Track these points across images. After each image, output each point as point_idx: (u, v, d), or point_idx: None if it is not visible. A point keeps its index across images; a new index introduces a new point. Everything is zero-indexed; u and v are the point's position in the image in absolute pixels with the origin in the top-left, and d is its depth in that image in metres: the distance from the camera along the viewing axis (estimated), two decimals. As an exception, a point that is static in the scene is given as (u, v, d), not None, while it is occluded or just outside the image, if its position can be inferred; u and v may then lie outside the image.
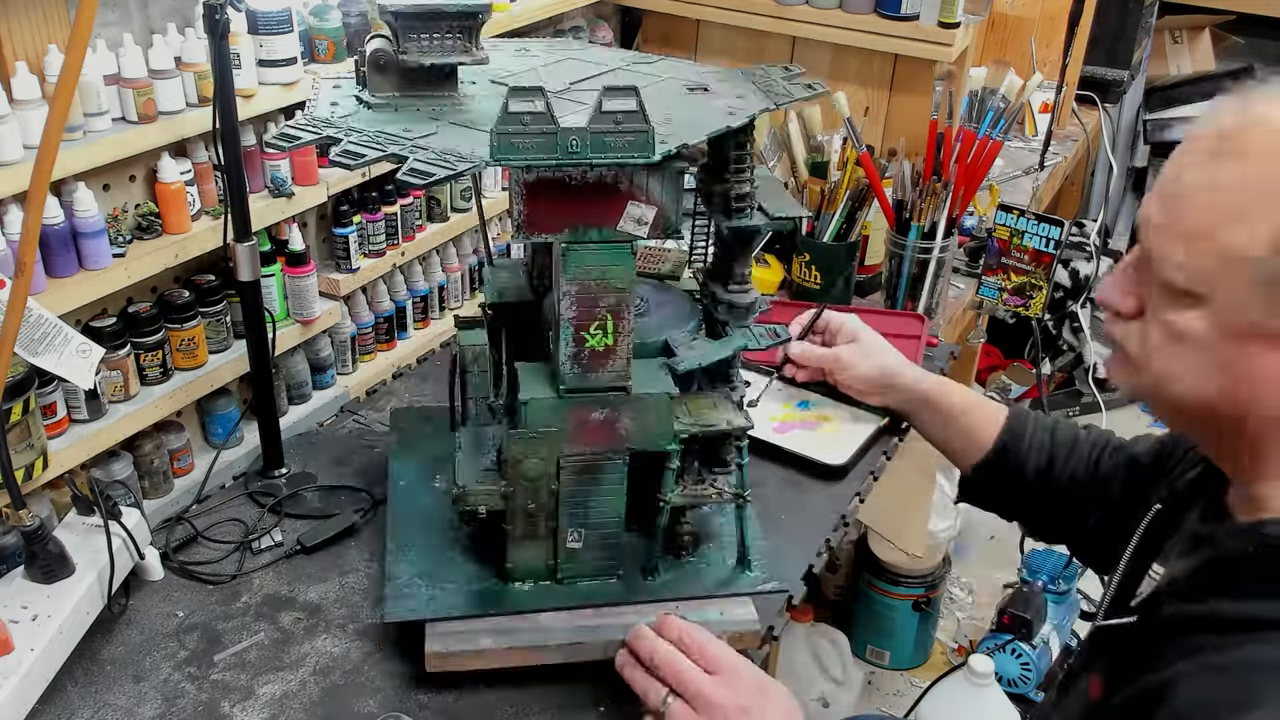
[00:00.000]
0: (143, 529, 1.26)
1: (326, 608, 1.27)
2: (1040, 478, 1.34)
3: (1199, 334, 0.83)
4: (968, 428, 1.40)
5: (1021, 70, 2.08)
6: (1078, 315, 3.46)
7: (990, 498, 1.43)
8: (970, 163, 1.90)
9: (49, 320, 1.19)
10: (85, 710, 1.13)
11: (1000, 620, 2.45)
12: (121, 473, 1.39)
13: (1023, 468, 1.35)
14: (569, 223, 1.02)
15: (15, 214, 1.21)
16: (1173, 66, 3.91)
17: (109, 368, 1.34)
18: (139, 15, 1.40)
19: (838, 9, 2.11)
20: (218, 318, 1.48)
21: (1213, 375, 0.84)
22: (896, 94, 2.16)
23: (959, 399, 1.42)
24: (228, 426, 1.55)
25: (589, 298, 1.06)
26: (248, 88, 1.40)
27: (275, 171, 1.48)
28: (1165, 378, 0.87)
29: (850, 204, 1.88)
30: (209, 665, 1.18)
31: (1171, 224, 0.83)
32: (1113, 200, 3.92)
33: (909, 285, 1.89)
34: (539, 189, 0.99)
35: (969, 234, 2.25)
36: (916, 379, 1.45)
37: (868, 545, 2.50)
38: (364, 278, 1.69)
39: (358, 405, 1.68)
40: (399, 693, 1.15)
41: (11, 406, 1.17)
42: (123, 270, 1.32)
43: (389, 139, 0.98)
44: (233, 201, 1.34)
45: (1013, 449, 1.36)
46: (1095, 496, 1.29)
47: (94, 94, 1.26)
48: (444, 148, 0.95)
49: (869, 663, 2.61)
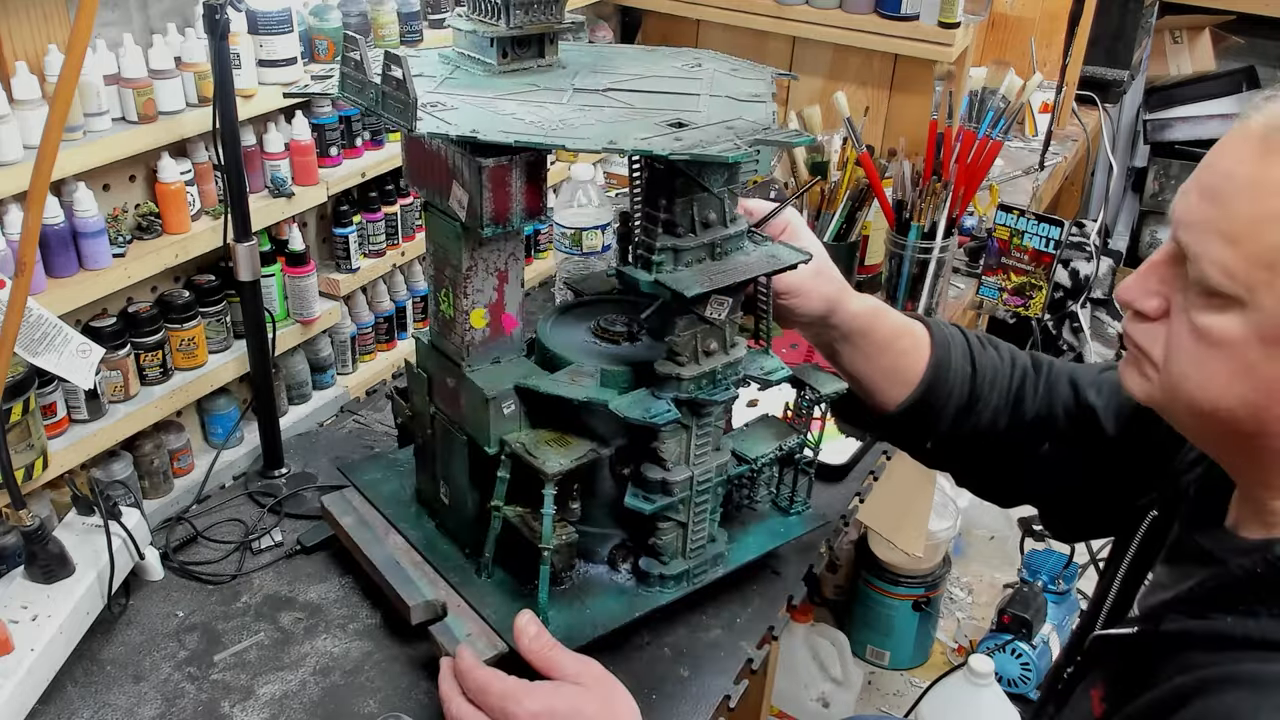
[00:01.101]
0: (143, 529, 1.26)
1: (326, 608, 1.27)
2: (958, 421, 1.21)
3: (1231, 339, 0.79)
4: (895, 361, 1.21)
5: (1021, 70, 2.08)
6: (1078, 315, 3.46)
7: (914, 440, 1.27)
8: (970, 163, 1.90)
9: (49, 320, 1.19)
10: (85, 710, 1.13)
11: (1000, 620, 2.46)
12: (121, 473, 1.39)
13: (942, 410, 1.20)
14: (426, 184, 1.08)
15: (15, 214, 1.21)
16: (1173, 66, 3.92)
17: (109, 368, 1.34)
18: (139, 15, 1.40)
19: (838, 9, 2.11)
20: (218, 318, 1.48)
21: (1239, 383, 0.80)
22: (896, 94, 2.16)
23: (889, 324, 1.22)
24: (228, 426, 1.55)
25: (439, 263, 1.12)
26: (248, 88, 1.40)
27: (275, 171, 1.49)
28: (1186, 383, 0.83)
29: (850, 204, 1.88)
30: (209, 665, 1.18)
31: (1213, 221, 0.78)
32: (1113, 200, 3.92)
33: (909, 285, 1.89)
34: (409, 142, 1.09)
35: (969, 234, 2.25)
36: (855, 312, 1.20)
37: (868, 545, 2.50)
38: (364, 278, 1.69)
39: (358, 405, 1.68)
40: (399, 693, 1.15)
41: (11, 406, 1.17)
42: (123, 270, 1.32)
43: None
44: (233, 201, 1.34)
45: (937, 387, 1.20)
46: (1026, 437, 1.19)
47: (94, 94, 1.26)
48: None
49: (869, 663, 2.61)
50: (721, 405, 1.11)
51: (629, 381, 1.10)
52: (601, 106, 1.05)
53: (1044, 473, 1.20)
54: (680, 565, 1.17)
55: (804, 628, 2.37)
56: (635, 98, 1.09)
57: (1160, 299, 0.85)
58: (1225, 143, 0.80)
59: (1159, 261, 0.86)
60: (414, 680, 1.17)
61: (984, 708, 2.12)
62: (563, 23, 1.11)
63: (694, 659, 1.20)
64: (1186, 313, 0.82)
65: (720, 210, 1.04)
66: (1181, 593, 0.88)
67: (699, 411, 1.09)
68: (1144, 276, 0.87)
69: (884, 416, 1.24)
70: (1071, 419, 1.17)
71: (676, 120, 1.01)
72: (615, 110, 1.04)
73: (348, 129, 1.59)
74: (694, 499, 1.14)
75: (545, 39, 1.13)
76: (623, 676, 1.17)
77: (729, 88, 1.14)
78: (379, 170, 1.64)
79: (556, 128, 0.98)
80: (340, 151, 1.59)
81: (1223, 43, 3.98)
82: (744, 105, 1.08)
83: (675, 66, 1.21)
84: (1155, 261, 0.86)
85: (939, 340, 1.21)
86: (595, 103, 1.06)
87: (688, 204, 1.03)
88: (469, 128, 0.96)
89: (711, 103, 1.08)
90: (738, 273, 1.05)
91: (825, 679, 2.36)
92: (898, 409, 1.22)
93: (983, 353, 1.22)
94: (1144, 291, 0.86)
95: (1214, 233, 0.78)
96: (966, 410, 1.20)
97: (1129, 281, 0.88)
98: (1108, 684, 0.94)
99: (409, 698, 1.15)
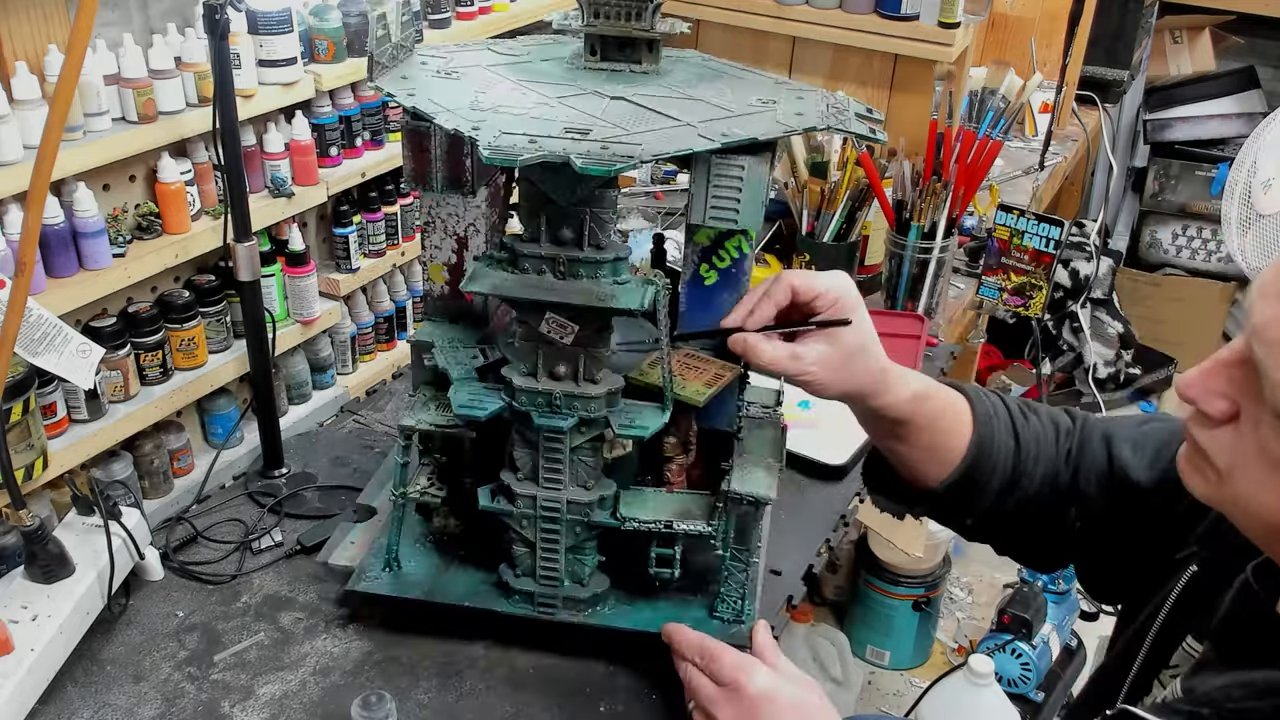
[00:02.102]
0: (143, 529, 1.26)
1: (326, 608, 1.27)
2: (1001, 496, 1.13)
3: None
4: (934, 440, 1.12)
5: (1021, 70, 2.08)
6: (1078, 315, 3.46)
7: (956, 516, 1.18)
8: (970, 163, 1.90)
9: (49, 320, 1.19)
10: (85, 710, 1.13)
11: (1000, 620, 2.46)
12: (121, 473, 1.39)
13: (986, 486, 1.12)
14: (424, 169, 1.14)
15: (15, 214, 1.21)
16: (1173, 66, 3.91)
17: (109, 368, 1.34)
18: (139, 15, 1.40)
19: (838, 9, 2.11)
20: (218, 318, 1.48)
21: None
22: (896, 94, 2.16)
23: (932, 408, 1.11)
24: (228, 426, 1.55)
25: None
26: (248, 88, 1.40)
27: (275, 171, 1.49)
28: (1252, 501, 0.77)
29: (850, 204, 1.88)
30: (209, 665, 1.18)
31: None
32: (1113, 200, 3.92)
33: (909, 285, 1.89)
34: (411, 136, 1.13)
35: (969, 234, 2.25)
36: (893, 403, 1.08)
37: (868, 545, 2.50)
38: (364, 278, 1.69)
39: (358, 405, 1.68)
40: (399, 693, 1.15)
41: (11, 406, 1.17)
42: (123, 270, 1.32)
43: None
44: (233, 201, 1.34)
45: (980, 465, 1.11)
46: (1065, 501, 1.13)
47: (94, 94, 1.26)
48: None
49: (869, 663, 2.61)
50: (565, 434, 1.06)
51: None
52: (594, 116, 1.02)
53: (1080, 536, 1.13)
54: (528, 584, 1.15)
55: (804, 628, 2.37)
56: (675, 109, 1.04)
57: (1228, 403, 0.77)
58: None
59: (1230, 361, 0.77)
60: (414, 680, 1.17)
61: (984, 708, 2.12)
62: (648, 31, 1.08)
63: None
64: (1257, 430, 0.74)
65: (577, 228, 1.01)
66: (1232, 687, 0.79)
67: (545, 435, 1.06)
68: (1211, 375, 0.78)
69: (923, 494, 1.16)
70: (1103, 479, 1.10)
71: (584, 129, 0.97)
72: (626, 118, 1.02)
73: (348, 129, 1.59)
74: (539, 523, 1.11)
75: (643, 45, 1.10)
76: (623, 675, 1.17)
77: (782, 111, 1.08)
78: (379, 170, 1.64)
79: (511, 122, 0.97)
80: (340, 151, 1.59)
81: (1223, 43, 3.98)
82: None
83: (758, 96, 1.11)
84: (1225, 360, 0.77)
85: (981, 415, 1.12)
86: (605, 109, 1.03)
87: (536, 212, 1.01)
88: (429, 98, 1.01)
89: (725, 123, 1.02)
90: (569, 295, 1.01)
91: (825, 679, 2.36)
92: (939, 488, 1.12)
93: (1025, 425, 1.14)
94: (1210, 392, 0.78)
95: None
96: (1010, 486, 1.12)
97: (1193, 376, 0.79)
98: None
99: (409, 698, 1.15)
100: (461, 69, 1.13)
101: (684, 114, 1.02)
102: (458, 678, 1.17)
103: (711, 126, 0.99)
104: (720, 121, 1.01)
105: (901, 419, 1.09)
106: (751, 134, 0.99)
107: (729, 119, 1.02)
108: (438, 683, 1.17)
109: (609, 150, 0.92)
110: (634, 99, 1.05)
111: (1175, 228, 3.97)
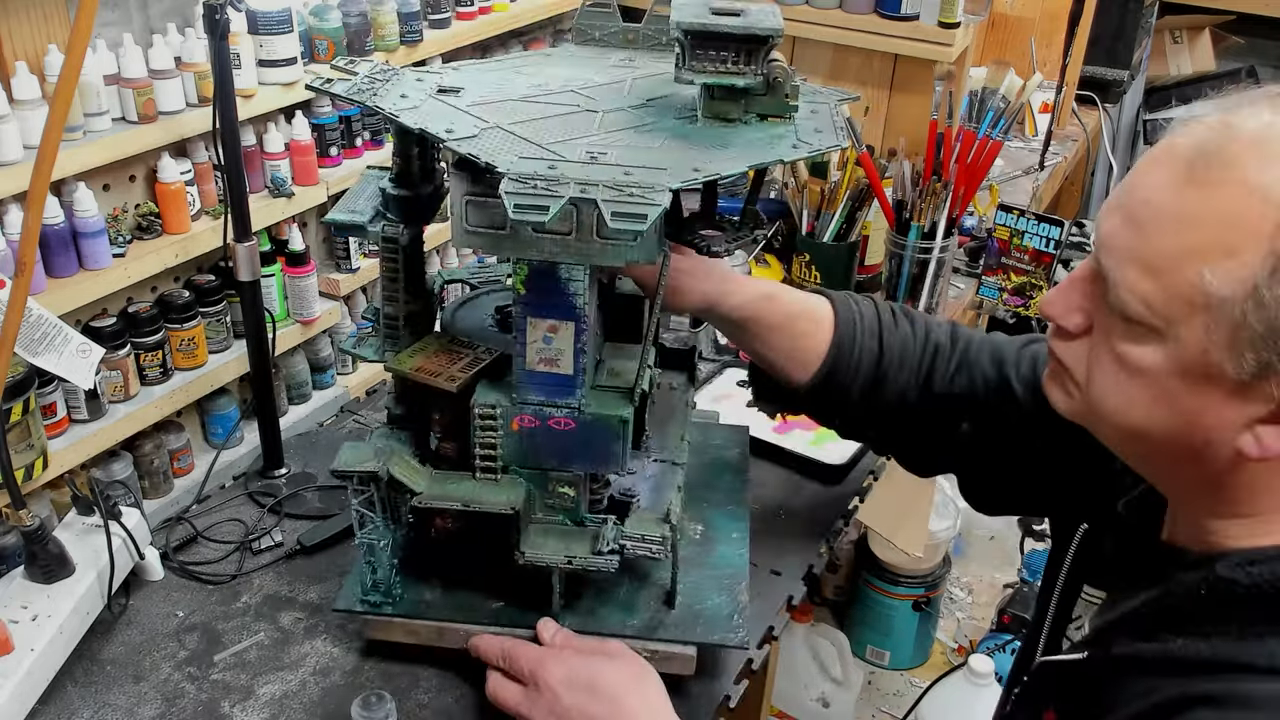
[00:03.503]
0: (143, 529, 1.26)
1: (326, 608, 1.26)
2: (866, 398, 1.18)
3: (1151, 369, 0.77)
4: (793, 343, 1.18)
5: (1021, 70, 2.08)
6: (1078, 315, 3.46)
7: (825, 417, 1.25)
8: (970, 163, 1.90)
9: (49, 320, 1.19)
10: (85, 710, 1.13)
11: (1000, 620, 2.46)
12: (121, 473, 1.39)
13: (849, 388, 1.18)
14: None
15: (15, 214, 1.21)
16: (1173, 66, 3.92)
17: (109, 368, 1.34)
18: (139, 15, 1.40)
19: (838, 9, 2.11)
20: (218, 318, 1.48)
21: (1160, 410, 0.78)
22: (896, 94, 2.16)
23: (783, 309, 1.18)
24: (228, 426, 1.55)
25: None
26: (248, 88, 1.40)
27: (275, 171, 1.49)
28: (1107, 404, 0.81)
29: (850, 204, 1.88)
30: (209, 665, 1.18)
31: (1133, 249, 0.76)
32: (1113, 200, 3.92)
33: (909, 285, 1.89)
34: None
35: (969, 234, 2.25)
36: (738, 304, 1.17)
37: (868, 545, 2.50)
38: (364, 278, 1.69)
39: (358, 405, 1.67)
40: (399, 693, 1.15)
41: (11, 406, 1.17)
42: (123, 270, 1.32)
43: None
44: (233, 201, 1.34)
45: (840, 367, 1.17)
46: (941, 411, 1.17)
47: (94, 94, 1.26)
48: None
49: (869, 663, 2.61)
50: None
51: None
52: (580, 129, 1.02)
53: (961, 446, 1.17)
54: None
55: (804, 628, 2.37)
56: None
57: (1083, 315, 0.83)
58: (1150, 164, 0.77)
59: (1082, 277, 0.83)
60: (413, 680, 1.17)
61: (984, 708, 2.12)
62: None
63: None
64: (1108, 336, 0.79)
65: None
66: (1127, 613, 0.85)
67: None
68: (1067, 292, 0.84)
69: (791, 394, 1.22)
70: (990, 394, 1.14)
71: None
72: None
73: (348, 129, 1.59)
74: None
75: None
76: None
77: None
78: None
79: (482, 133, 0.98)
80: (340, 151, 1.59)
81: (1223, 43, 3.98)
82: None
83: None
84: (1078, 277, 0.84)
85: (844, 319, 1.18)
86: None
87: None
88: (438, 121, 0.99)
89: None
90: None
91: (825, 679, 2.36)
92: (803, 389, 1.19)
93: (894, 331, 1.19)
94: (1067, 307, 0.84)
95: (1134, 261, 0.76)
96: (873, 389, 1.17)
97: (1052, 295, 0.85)
98: (1059, 711, 0.91)
99: (409, 698, 1.15)
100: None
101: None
102: (458, 678, 1.17)
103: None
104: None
105: (750, 317, 1.17)
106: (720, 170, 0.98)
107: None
108: (438, 683, 1.17)
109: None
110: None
111: (1175, 228, 3.97)
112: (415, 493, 1.09)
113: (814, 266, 1.89)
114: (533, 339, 1.05)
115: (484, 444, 1.10)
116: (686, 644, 1.13)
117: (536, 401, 1.08)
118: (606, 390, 1.10)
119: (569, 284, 1.02)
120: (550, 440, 1.09)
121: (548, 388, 1.07)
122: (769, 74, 1.05)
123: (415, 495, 1.09)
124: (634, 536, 1.09)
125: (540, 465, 1.11)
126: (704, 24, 1.02)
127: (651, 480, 1.24)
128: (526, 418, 1.09)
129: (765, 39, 1.02)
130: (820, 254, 1.89)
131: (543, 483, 1.12)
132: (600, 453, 1.09)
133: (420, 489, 1.10)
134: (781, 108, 1.06)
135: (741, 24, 1.02)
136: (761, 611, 1.26)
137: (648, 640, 1.13)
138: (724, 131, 1.05)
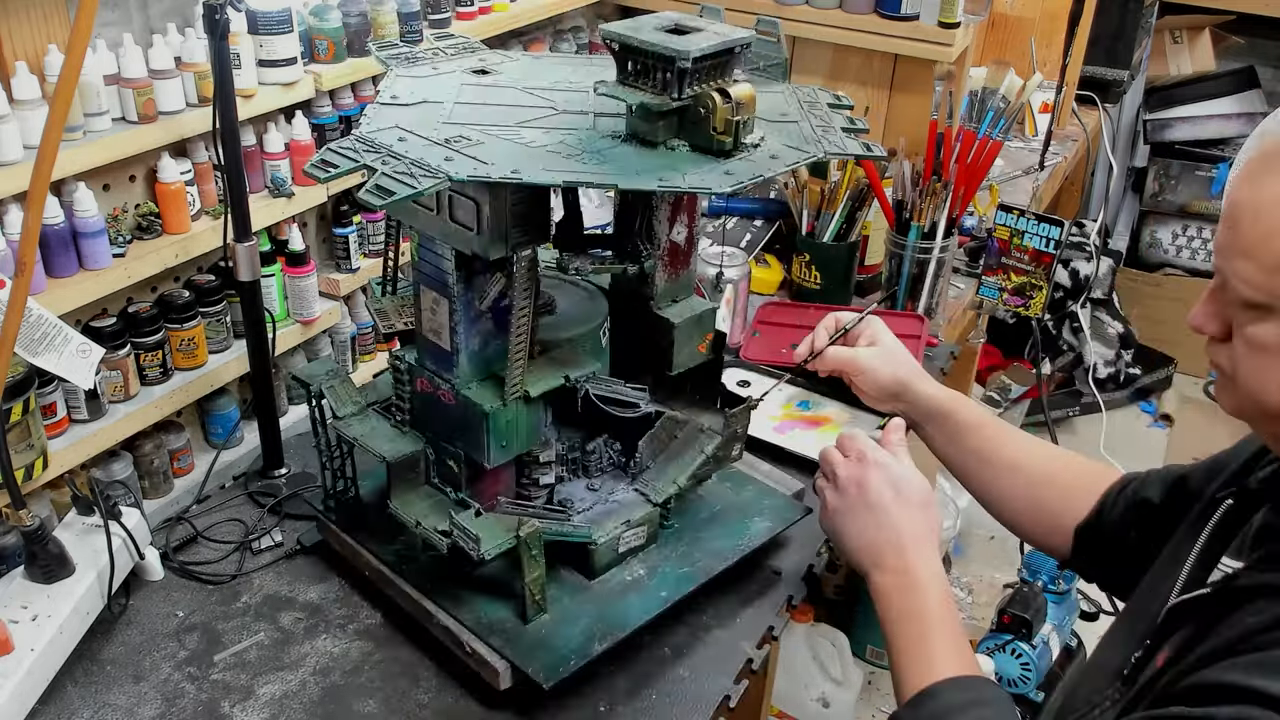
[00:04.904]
0: (143, 529, 1.26)
1: (326, 608, 1.27)
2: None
3: (1274, 343, 0.87)
4: (978, 447, 1.32)
5: (1021, 70, 2.08)
6: (1078, 315, 3.46)
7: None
8: (970, 163, 1.89)
9: (49, 320, 1.19)
10: (85, 710, 1.13)
11: (1000, 620, 2.45)
12: (121, 473, 1.39)
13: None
14: None
15: (15, 214, 1.21)
16: (1173, 66, 3.91)
17: (109, 368, 1.34)
18: (139, 15, 1.40)
19: (838, 9, 2.11)
20: (218, 318, 1.48)
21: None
22: (896, 94, 2.16)
23: (971, 415, 1.34)
24: (228, 426, 1.55)
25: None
26: (248, 88, 1.40)
27: (275, 171, 1.49)
28: (1253, 389, 0.91)
29: (850, 204, 1.88)
30: (209, 665, 1.18)
31: (1233, 243, 0.88)
32: (1113, 200, 3.92)
33: (909, 285, 1.89)
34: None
35: (969, 234, 2.25)
36: (930, 393, 1.36)
37: (868, 545, 2.50)
38: (364, 277, 1.69)
39: (358, 405, 1.67)
40: (399, 693, 1.15)
41: (11, 406, 1.17)
42: (123, 270, 1.32)
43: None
44: (233, 201, 1.34)
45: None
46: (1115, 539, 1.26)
47: (94, 94, 1.26)
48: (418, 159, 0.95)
49: (869, 663, 2.61)
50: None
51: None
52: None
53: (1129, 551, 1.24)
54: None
55: (804, 628, 2.37)
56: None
57: (1219, 320, 0.94)
58: (1230, 175, 0.90)
59: (1213, 288, 0.95)
60: (413, 680, 1.17)
61: (984, 708, 2.11)
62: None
63: (694, 659, 1.20)
64: (1240, 328, 0.91)
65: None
66: (1253, 560, 0.93)
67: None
68: (1204, 304, 0.96)
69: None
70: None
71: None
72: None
73: (348, 129, 1.59)
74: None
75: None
76: (623, 676, 1.17)
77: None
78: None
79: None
80: (340, 151, 1.59)
81: (1223, 43, 3.98)
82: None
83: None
84: (1211, 288, 0.95)
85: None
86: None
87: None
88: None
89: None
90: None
91: (825, 679, 2.36)
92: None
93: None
94: (1206, 316, 0.95)
95: (1235, 253, 0.88)
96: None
97: (1195, 309, 0.97)
98: (1175, 646, 0.96)
99: (408, 698, 1.15)
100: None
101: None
102: (458, 677, 1.17)
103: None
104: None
105: (940, 412, 1.35)
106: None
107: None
108: (437, 683, 1.17)
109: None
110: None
111: (1175, 228, 3.98)
112: (337, 416, 1.20)
113: (814, 266, 1.89)
114: (425, 306, 1.13)
115: (398, 395, 1.20)
116: (502, 658, 1.12)
117: (431, 369, 1.15)
118: (496, 382, 1.13)
119: (440, 260, 1.07)
120: (439, 411, 1.16)
121: (434, 357, 1.14)
122: (698, 101, 0.98)
123: (338, 418, 1.20)
124: (458, 528, 1.11)
125: (431, 430, 1.18)
126: (623, 36, 1.00)
127: (614, 504, 1.23)
128: (423, 381, 1.16)
129: (672, 59, 0.97)
130: (820, 254, 1.89)
131: (439, 450, 1.18)
132: (471, 438, 1.14)
133: (341, 414, 1.20)
134: (707, 141, 1.00)
135: (659, 42, 0.98)
136: (761, 611, 1.26)
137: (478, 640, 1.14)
138: (629, 151, 1.01)
